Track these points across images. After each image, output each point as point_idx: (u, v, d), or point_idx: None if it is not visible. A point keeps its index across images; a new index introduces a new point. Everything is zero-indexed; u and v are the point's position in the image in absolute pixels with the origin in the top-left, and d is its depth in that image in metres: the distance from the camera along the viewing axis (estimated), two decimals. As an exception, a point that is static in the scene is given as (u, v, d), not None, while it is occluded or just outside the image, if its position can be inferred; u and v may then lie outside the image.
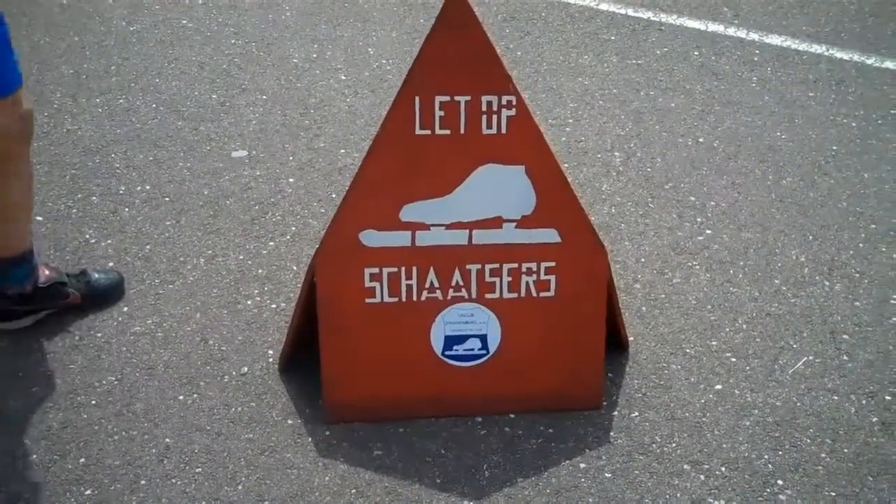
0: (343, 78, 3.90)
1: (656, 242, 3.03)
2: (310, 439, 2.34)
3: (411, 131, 2.16)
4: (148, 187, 3.24)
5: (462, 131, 2.17)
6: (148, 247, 2.97)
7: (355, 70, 3.95)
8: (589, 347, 2.38)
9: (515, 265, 2.30)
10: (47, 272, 2.62)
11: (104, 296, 2.71)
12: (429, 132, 2.16)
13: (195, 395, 2.46)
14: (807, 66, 4.02)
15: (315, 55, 4.06)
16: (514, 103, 2.15)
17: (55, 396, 2.43)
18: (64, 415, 2.38)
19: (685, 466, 2.30)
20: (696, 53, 4.11)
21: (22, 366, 2.53)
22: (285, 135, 3.53)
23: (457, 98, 2.14)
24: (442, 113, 2.15)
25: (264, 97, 3.75)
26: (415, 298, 2.31)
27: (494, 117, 2.17)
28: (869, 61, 4.07)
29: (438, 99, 2.14)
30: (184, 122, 3.59)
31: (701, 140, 3.55)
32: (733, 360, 2.60)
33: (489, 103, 2.15)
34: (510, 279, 2.31)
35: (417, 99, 2.13)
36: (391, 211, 2.23)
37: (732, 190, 3.28)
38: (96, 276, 2.72)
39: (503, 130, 2.18)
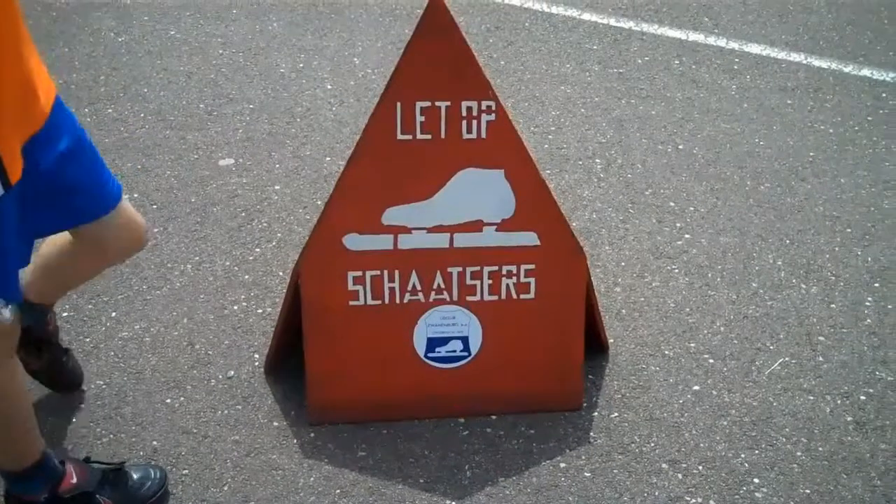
0: (329, 87, 3.95)
1: (636, 247, 3.08)
2: (295, 441, 2.38)
3: (393, 136, 2.20)
4: (136, 195, 3.27)
5: (443, 136, 2.21)
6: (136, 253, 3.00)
7: (341, 79, 4.00)
8: (569, 349, 2.42)
9: (496, 268, 2.34)
10: (74, 480, 2.11)
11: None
12: (410, 137, 2.20)
13: (182, 399, 2.50)
14: (785, 75, 4.09)
15: (301, 65, 4.10)
16: (493, 108, 2.19)
17: (45, 400, 2.46)
18: (54, 418, 2.41)
19: (663, 465, 2.34)
20: (676, 62, 4.18)
21: (10, 370, 2.55)
22: (272, 143, 3.57)
23: (437, 103, 2.18)
24: (423, 118, 2.19)
25: (251, 106, 3.80)
26: (397, 301, 2.35)
27: (474, 122, 2.20)
28: (846, 69, 4.13)
29: (419, 104, 2.17)
30: (171, 131, 3.63)
31: (681, 147, 3.60)
32: (711, 361, 2.65)
33: (469, 108, 2.19)
34: (491, 282, 2.35)
35: (399, 104, 2.17)
36: (373, 215, 2.27)
37: (711, 195, 3.33)
38: (136, 477, 2.21)
39: (483, 135, 2.22)
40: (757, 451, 2.38)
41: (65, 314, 2.74)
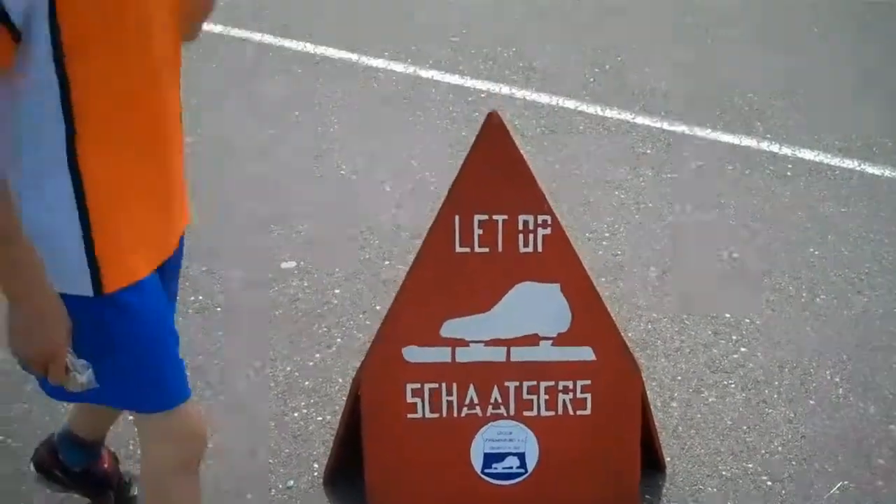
0: (388, 189, 4.05)
1: (692, 360, 3.08)
2: (351, 552, 2.40)
3: (451, 249, 2.26)
4: (200, 297, 3.37)
5: (500, 249, 2.26)
6: (200, 357, 3.07)
7: (400, 182, 4.10)
8: (624, 467, 2.42)
9: (552, 383, 2.37)
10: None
11: None
12: (468, 250, 2.26)
13: (241, 507, 2.53)
14: (839, 181, 4.10)
15: (361, 167, 4.22)
16: (549, 222, 2.25)
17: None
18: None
19: (721, 588, 2.31)
20: (730, 167, 4.22)
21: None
22: (332, 246, 3.66)
23: (495, 217, 2.24)
24: (480, 231, 2.25)
25: (312, 208, 3.90)
26: (455, 415, 2.38)
27: (531, 236, 2.26)
28: (901, 177, 4.14)
29: (477, 218, 2.24)
30: (235, 234, 3.73)
31: (735, 255, 3.62)
32: (769, 483, 2.62)
33: (525, 222, 2.25)
34: (547, 397, 2.38)
35: (457, 217, 2.24)
36: (432, 327, 2.32)
37: (766, 307, 3.33)
38: None
39: (539, 249, 2.27)
40: (817, 577, 2.34)
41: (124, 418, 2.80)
